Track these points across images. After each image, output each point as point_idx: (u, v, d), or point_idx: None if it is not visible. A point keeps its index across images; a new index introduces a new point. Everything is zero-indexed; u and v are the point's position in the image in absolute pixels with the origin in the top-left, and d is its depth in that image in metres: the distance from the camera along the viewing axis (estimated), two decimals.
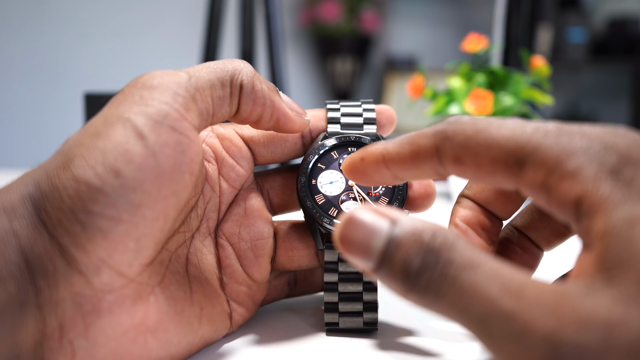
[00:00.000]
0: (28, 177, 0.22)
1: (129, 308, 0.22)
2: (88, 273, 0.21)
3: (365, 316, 0.28)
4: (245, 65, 0.26)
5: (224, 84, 0.25)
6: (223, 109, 0.25)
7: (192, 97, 0.23)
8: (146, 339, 0.23)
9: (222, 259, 0.28)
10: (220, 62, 0.25)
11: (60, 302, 0.21)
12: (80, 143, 0.22)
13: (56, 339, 0.21)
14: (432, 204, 0.29)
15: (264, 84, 0.26)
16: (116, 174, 0.21)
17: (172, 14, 2.15)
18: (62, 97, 2.03)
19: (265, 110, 0.26)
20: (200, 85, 0.24)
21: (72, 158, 0.21)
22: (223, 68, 0.25)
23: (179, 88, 0.23)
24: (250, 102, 0.26)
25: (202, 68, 0.25)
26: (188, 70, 0.24)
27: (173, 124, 0.22)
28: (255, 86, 0.26)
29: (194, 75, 0.24)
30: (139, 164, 0.21)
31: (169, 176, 0.22)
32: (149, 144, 0.22)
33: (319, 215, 0.28)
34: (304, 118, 0.28)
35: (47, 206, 0.21)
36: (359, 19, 2.22)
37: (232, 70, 0.25)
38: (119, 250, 0.21)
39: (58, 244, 0.21)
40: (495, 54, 0.96)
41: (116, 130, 0.22)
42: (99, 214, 0.20)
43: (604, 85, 2.41)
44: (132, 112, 0.22)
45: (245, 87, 0.25)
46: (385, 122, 0.30)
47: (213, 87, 0.24)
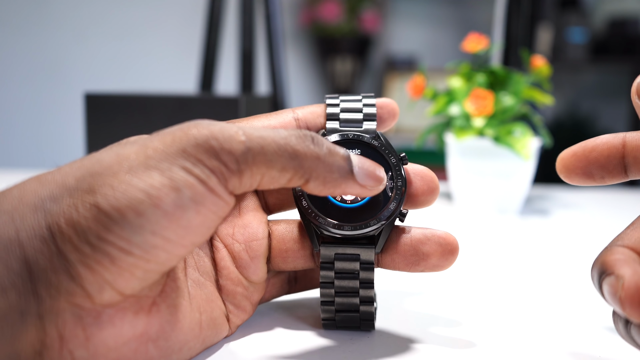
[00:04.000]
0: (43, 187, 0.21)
1: (131, 320, 0.22)
2: (91, 290, 0.21)
3: (361, 309, 0.28)
4: (318, 154, 0.23)
5: (285, 169, 0.23)
6: (272, 186, 0.23)
7: (239, 171, 0.22)
8: (147, 348, 0.23)
9: (218, 261, 0.27)
10: (291, 139, 0.23)
11: (61, 312, 0.21)
12: (113, 173, 0.21)
13: (56, 349, 0.21)
14: (435, 200, 0.29)
15: (335, 173, 0.24)
16: (138, 213, 0.20)
17: (172, 14, 2.14)
18: (62, 97, 2.03)
19: (335, 193, 0.25)
20: (257, 163, 0.22)
21: (101, 185, 0.21)
22: (292, 153, 0.23)
23: (230, 160, 0.22)
24: (317, 191, 0.24)
25: (269, 140, 0.22)
26: (251, 134, 0.22)
27: (213, 187, 0.22)
28: (327, 180, 0.24)
29: (255, 148, 0.22)
30: (166, 211, 0.21)
31: (195, 230, 0.22)
32: (182, 197, 0.21)
33: (314, 216, 0.27)
34: (379, 188, 0.25)
35: (61, 222, 0.21)
36: (359, 19, 2.22)
37: (301, 159, 0.23)
38: (124, 277, 0.21)
39: (65, 259, 0.20)
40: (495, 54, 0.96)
41: (153, 174, 0.21)
42: (111, 243, 0.20)
43: (604, 85, 2.41)
44: (175, 164, 0.21)
45: (313, 181, 0.24)
46: (387, 117, 0.30)
47: (270, 168, 0.23)
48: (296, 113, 0.29)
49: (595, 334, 0.29)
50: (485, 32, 0.90)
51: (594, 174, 0.27)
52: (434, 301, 0.34)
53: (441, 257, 0.27)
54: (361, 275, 0.27)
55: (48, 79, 2.07)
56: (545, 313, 0.33)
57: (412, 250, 0.27)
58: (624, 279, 0.21)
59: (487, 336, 0.29)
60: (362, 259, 0.27)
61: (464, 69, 0.67)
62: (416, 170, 0.28)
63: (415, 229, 0.28)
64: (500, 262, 0.44)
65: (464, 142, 0.62)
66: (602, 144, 0.27)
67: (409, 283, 0.37)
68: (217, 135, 0.22)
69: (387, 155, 0.28)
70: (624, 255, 0.23)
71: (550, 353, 0.27)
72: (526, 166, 0.62)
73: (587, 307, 0.34)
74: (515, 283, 0.39)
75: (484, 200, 0.63)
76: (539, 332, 0.30)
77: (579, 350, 0.28)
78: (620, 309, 0.21)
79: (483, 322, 0.31)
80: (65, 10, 2.05)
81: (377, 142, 0.28)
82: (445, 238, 0.27)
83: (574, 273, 0.41)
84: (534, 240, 0.52)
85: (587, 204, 0.70)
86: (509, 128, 0.61)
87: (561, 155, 0.27)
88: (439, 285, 0.37)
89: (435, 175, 0.28)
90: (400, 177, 0.28)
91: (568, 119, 2.30)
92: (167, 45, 2.14)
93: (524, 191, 0.63)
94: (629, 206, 0.70)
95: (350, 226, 0.27)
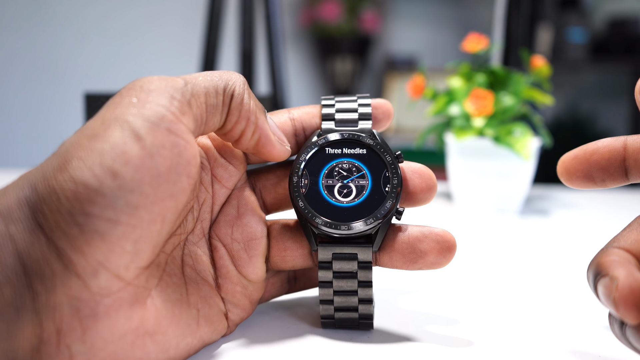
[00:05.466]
0: (24, 179, 0.22)
1: (127, 311, 0.22)
2: (85, 276, 0.21)
3: (360, 309, 0.28)
4: (238, 78, 0.26)
5: (218, 92, 0.25)
6: (215, 117, 0.26)
7: (187, 101, 0.24)
8: (144, 342, 0.23)
9: (216, 260, 0.27)
10: (216, 73, 0.26)
11: (58, 306, 0.21)
12: (77, 145, 0.22)
13: (53, 344, 0.21)
14: (433, 197, 0.29)
15: (252, 100, 0.27)
16: (114, 175, 0.21)
17: (172, 14, 2.14)
18: (62, 97, 2.03)
19: (249, 126, 0.26)
20: (196, 91, 0.24)
21: (69, 159, 0.21)
22: (219, 77, 0.26)
23: (175, 92, 0.24)
24: (237, 114, 0.26)
25: (198, 75, 0.25)
26: (184, 76, 0.25)
27: (169, 125, 0.23)
28: (244, 99, 0.26)
29: (190, 81, 0.25)
30: (136, 165, 0.21)
31: (166, 178, 0.22)
32: (146, 145, 0.22)
33: (311, 216, 0.27)
34: (285, 147, 0.28)
35: (44, 209, 0.21)
36: (359, 19, 2.22)
37: (225, 80, 0.26)
38: (116, 252, 0.21)
39: (55, 247, 0.21)
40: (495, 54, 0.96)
41: (113, 131, 0.22)
42: (97, 216, 0.20)
43: (604, 85, 2.41)
44: (130, 114, 0.22)
45: (235, 98, 0.26)
46: (382, 117, 0.30)
47: (208, 94, 0.25)
48: (292, 113, 0.29)
49: (595, 334, 0.29)
50: (485, 32, 0.90)
51: (595, 177, 0.27)
52: (433, 300, 0.34)
53: (439, 255, 0.27)
54: (359, 275, 0.27)
55: (48, 79, 2.06)
56: (545, 312, 0.33)
57: (410, 248, 0.27)
58: (618, 281, 0.21)
59: (486, 335, 0.29)
60: (360, 258, 0.27)
61: (464, 69, 0.67)
62: (414, 168, 0.29)
63: (412, 227, 0.28)
64: (499, 262, 0.44)
65: (464, 142, 0.62)
66: (604, 147, 0.27)
67: (408, 282, 0.37)
68: (158, 79, 0.24)
69: (383, 154, 0.28)
70: (619, 256, 0.23)
71: (549, 353, 0.27)
72: (526, 166, 0.62)
73: (587, 307, 0.34)
74: (515, 283, 0.39)
75: (484, 200, 0.63)
76: (538, 332, 0.30)
77: (579, 349, 0.28)
78: (615, 310, 0.21)
79: (482, 322, 0.31)
80: (65, 10, 2.05)
81: (372, 140, 0.28)
82: (442, 235, 0.27)
83: (573, 273, 0.41)
84: (533, 240, 0.52)
85: (587, 204, 0.70)
86: (509, 128, 0.61)
87: (562, 159, 0.28)
88: (438, 284, 0.37)
89: (432, 173, 0.29)
90: (396, 175, 0.28)
91: (568, 119, 2.30)
92: (167, 45, 2.14)
93: (524, 191, 0.63)
94: (628, 207, 0.70)
95: (346, 225, 0.27)
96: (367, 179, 0.28)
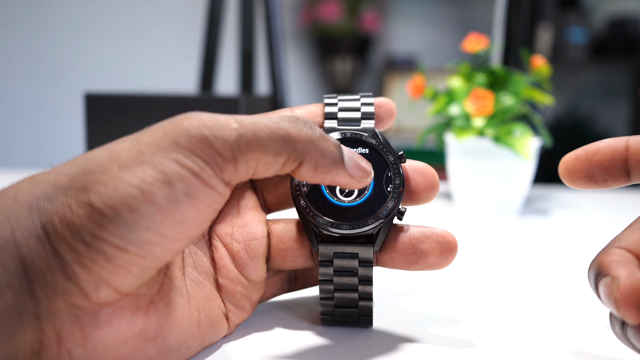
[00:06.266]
0: (38, 186, 0.21)
1: (129, 318, 0.22)
2: (87, 289, 0.21)
3: (360, 305, 0.28)
4: (311, 137, 0.23)
5: (279, 153, 0.23)
6: (268, 172, 0.24)
7: (234, 159, 0.22)
8: (146, 347, 0.23)
9: (217, 260, 0.27)
10: (283, 124, 0.23)
11: (58, 312, 0.21)
12: (105, 170, 0.21)
13: (54, 349, 0.21)
14: (435, 196, 0.29)
15: (327, 159, 0.24)
16: (132, 210, 0.20)
17: (172, 14, 2.14)
18: (62, 97, 2.03)
19: (325, 180, 0.25)
20: (251, 149, 0.22)
21: (94, 183, 0.21)
22: (285, 136, 0.23)
23: (223, 148, 0.22)
24: (309, 176, 0.24)
25: (261, 126, 0.23)
26: (243, 121, 0.22)
27: (206, 179, 0.22)
28: (318, 164, 0.24)
29: (247, 134, 0.22)
30: (159, 206, 0.21)
31: (189, 224, 0.22)
32: (175, 192, 0.21)
33: (312, 215, 0.27)
34: (367, 181, 0.26)
35: (55, 221, 0.21)
36: (359, 19, 2.22)
37: (294, 142, 0.23)
38: (120, 274, 0.21)
39: (60, 258, 0.20)
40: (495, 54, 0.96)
41: (146, 169, 0.21)
42: (106, 241, 0.20)
43: (604, 85, 2.41)
44: (168, 157, 0.21)
45: (305, 165, 0.24)
46: (385, 116, 0.30)
47: (264, 153, 0.23)
48: (294, 112, 0.29)
49: (595, 334, 0.29)
50: (485, 32, 0.90)
51: (597, 178, 0.27)
52: (433, 300, 0.34)
53: (440, 256, 0.27)
54: (360, 272, 0.27)
55: (48, 79, 2.06)
56: (545, 313, 0.33)
57: (411, 249, 0.27)
58: (620, 280, 0.21)
59: (486, 336, 0.29)
60: (361, 257, 0.27)
61: (464, 69, 0.67)
62: (416, 167, 0.28)
63: (413, 227, 0.28)
64: (500, 262, 0.44)
65: (464, 142, 0.62)
66: (605, 147, 0.27)
67: (408, 282, 0.37)
68: (209, 124, 0.22)
69: (385, 154, 0.28)
70: (621, 256, 0.23)
71: (550, 353, 0.27)
72: (526, 166, 0.62)
73: (587, 307, 0.34)
74: (515, 283, 0.39)
75: (484, 200, 0.63)
76: (539, 332, 0.30)
77: (579, 349, 0.28)
78: (616, 310, 0.21)
79: (482, 322, 0.31)
80: (65, 10, 2.05)
81: (375, 140, 0.28)
82: (444, 236, 0.27)
83: (573, 273, 0.41)
84: (534, 240, 0.52)
85: (587, 204, 0.70)
86: (509, 128, 0.61)
87: (564, 159, 0.28)
88: (438, 284, 0.37)
89: (435, 172, 0.29)
90: (398, 175, 0.28)
91: (568, 119, 2.30)
92: (167, 45, 2.14)
93: (524, 191, 0.63)
94: (628, 207, 0.70)
95: (348, 225, 0.27)
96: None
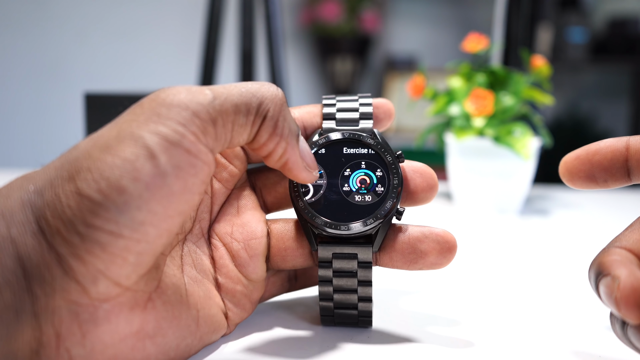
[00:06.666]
0: (29, 182, 0.22)
1: (127, 316, 0.22)
2: (85, 283, 0.21)
3: (360, 306, 0.28)
4: (275, 96, 0.25)
5: (250, 111, 0.24)
6: (241, 136, 0.24)
7: (212, 120, 0.23)
8: (144, 345, 0.23)
9: (216, 260, 0.27)
10: (252, 87, 0.24)
11: (57, 310, 0.21)
12: (88, 155, 0.21)
13: (53, 347, 0.21)
14: (434, 196, 0.29)
15: (287, 124, 0.25)
16: (120, 190, 0.20)
17: (172, 14, 2.14)
18: (62, 97, 2.03)
19: (277, 149, 0.25)
20: (225, 108, 0.23)
21: (78, 170, 0.21)
22: (253, 94, 0.24)
23: (200, 109, 0.22)
24: (267, 135, 0.25)
25: (231, 88, 0.24)
26: (216, 88, 0.23)
27: (188, 146, 0.22)
28: (278, 122, 0.25)
29: (220, 96, 0.23)
30: (146, 182, 0.21)
31: (178, 197, 0.22)
32: (159, 164, 0.21)
33: (311, 216, 0.27)
34: (312, 173, 0.27)
35: (47, 215, 0.21)
36: (359, 19, 2.22)
37: (260, 98, 0.24)
38: (117, 263, 0.21)
39: (56, 253, 0.20)
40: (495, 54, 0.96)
41: (126, 146, 0.21)
42: (99, 228, 0.20)
43: (604, 85, 2.41)
44: (147, 129, 0.21)
45: (267, 121, 0.24)
46: (383, 117, 0.30)
47: (237, 112, 0.23)
48: (293, 112, 0.29)
49: (595, 334, 0.29)
50: (485, 32, 0.90)
51: (597, 178, 0.27)
52: (433, 300, 0.34)
53: (439, 255, 0.27)
54: (359, 274, 0.27)
55: (48, 79, 2.06)
56: (545, 313, 0.33)
57: (410, 249, 0.27)
58: (620, 280, 0.21)
59: (486, 336, 0.29)
60: (360, 258, 0.27)
61: (464, 69, 0.67)
62: (415, 167, 0.28)
63: (412, 227, 0.28)
64: (500, 262, 0.44)
65: (464, 142, 0.62)
66: (606, 147, 0.27)
67: (408, 282, 0.37)
68: (184, 92, 0.22)
69: (383, 154, 0.28)
70: (621, 256, 0.23)
71: (550, 353, 0.27)
72: (526, 166, 0.62)
73: (587, 307, 0.34)
74: (515, 283, 0.39)
75: (484, 200, 0.63)
76: (539, 332, 0.30)
77: (579, 349, 0.28)
78: (616, 309, 0.21)
79: (482, 322, 0.31)
80: (65, 10, 2.05)
81: (373, 140, 0.28)
82: (443, 236, 0.27)
83: (573, 273, 0.41)
84: (534, 240, 0.52)
85: (587, 204, 0.70)
86: (509, 128, 0.61)
87: (564, 159, 0.28)
88: (438, 284, 0.37)
89: (434, 172, 0.29)
90: (397, 175, 0.28)
91: (568, 119, 2.30)
92: (167, 45, 2.14)
93: (524, 191, 0.63)
94: (629, 207, 0.70)
95: (347, 225, 0.27)
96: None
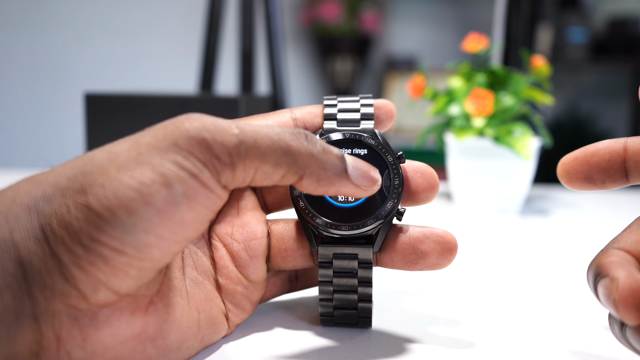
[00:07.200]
0: (37, 188, 0.21)
1: (128, 319, 0.22)
2: (85, 291, 0.21)
3: (360, 306, 0.28)
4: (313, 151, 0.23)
5: (278, 165, 0.23)
6: (266, 182, 0.23)
7: (232, 164, 0.22)
8: (145, 347, 0.23)
9: (217, 260, 0.27)
10: (288, 135, 0.23)
11: (57, 314, 0.21)
12: (104, 171, 0.21)
13: (53, 350, 0.21)
14: (435, 196, 0.29)
15: (330, 171, 0.24)
16: (130, 212, 0.20)
17: (172, 14, 2.14)
18: (62, 97, 2.03)
19: (328, 192, 0.24)
20: (250, 156, 0.22)
21: (92, 184, 0.21)
22: (286, 148, 0.22)
23: (222, 152, 0.22)
24: (311, 189, 0.24)
25: (262, 134, 0.22)
26: (244, 128, 0.22)
27: (205, 180, 0.21)
28: (320, 178, 0.23)
29: (247, 141, 0.22)
30: (158, 208, 0.20)
31: (188, 225, 0.22)
32: (174, 193, 0.21)
33: (311, 216, 0.27)
34: (373, 189, 0.25)
35: (53, 223, 0.20)
36: (359, 19, 2.22)
37: (295, 156, 0.23)
38: (119, 276, 0.21)
39: (58, 260, 0.20)
40: (495, 54, 0.96)
41: (145, 170, 0.21)
42: (104, 243, 0.20)
43: (604, 85, 2.41)
44: (167, 158, 0.21)
45: (306, 179, 0.23)
46: (385, 117, 0.30)
47: (263, 163, 0.22)
48: (294, 113, 0.29)
49: (595, 334, 0.29)
50: (485, 32, 0.90)
51: (595, 179, 0.27)
52: (433, 301, 0.34)
53: (440, 256, 0.27)
54: (359, 274, 0.27)
55: (48, 79, 2.06)
56: (545, 313, 0.33)
57: (411, 249, 0.27)
58: (618, 281, 0.21)
59: (486, 336, 0.29)
60: (361, 258, 0.27)
61: (464, 69, 0.67)
62: (416, 167, 0.28)
63: (413, 228, 0.28)
64: (500, 262, 0.44)
65: (464, 142, 0.62)
66: (604, 149, 0.27)
67: (408, 282, 0.37)
68: (210, 127, 0.22)
69: (384, 154, 0.28)
70: (620, 257, 0.23)
71: (550, 353, 0.27)
72: (526, 166, 0.62)
73: (587, 307, 0.34)
74: (515, 283, 0.39)
75: (484, 200, 0.63)
76: (539, 332, 0.30)
77: (579, 349, 0.28)
78: (615, 311, 0.21)
79: (482, 322, 0.31)
80: (65, 10, 2.05)
81: (374, 140, 0.28)
82: (443, 236, 0.27)
83: (573, 273, 0.41)
84: (534, 240, 0.52)
85: (587, 204, 0.70)
86: (509, 128, 0.61)
87: (562, 161, 0.28)
88: (438, 284, 0.37)
89: (434, 172, 0.29)
90: (398, 175, 0.28)
91: (568, 119, 2.30)
92: (167, 45, 2.14)
93: (524, 191, 0.63)
94: (628, 207, 0.70)
95: (347, 226, 0.27)
96: None
